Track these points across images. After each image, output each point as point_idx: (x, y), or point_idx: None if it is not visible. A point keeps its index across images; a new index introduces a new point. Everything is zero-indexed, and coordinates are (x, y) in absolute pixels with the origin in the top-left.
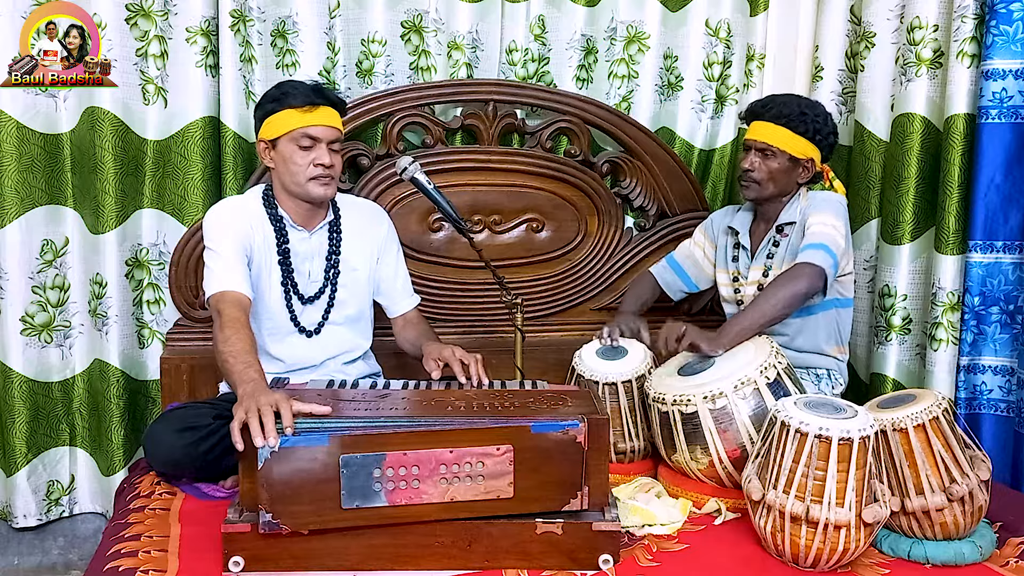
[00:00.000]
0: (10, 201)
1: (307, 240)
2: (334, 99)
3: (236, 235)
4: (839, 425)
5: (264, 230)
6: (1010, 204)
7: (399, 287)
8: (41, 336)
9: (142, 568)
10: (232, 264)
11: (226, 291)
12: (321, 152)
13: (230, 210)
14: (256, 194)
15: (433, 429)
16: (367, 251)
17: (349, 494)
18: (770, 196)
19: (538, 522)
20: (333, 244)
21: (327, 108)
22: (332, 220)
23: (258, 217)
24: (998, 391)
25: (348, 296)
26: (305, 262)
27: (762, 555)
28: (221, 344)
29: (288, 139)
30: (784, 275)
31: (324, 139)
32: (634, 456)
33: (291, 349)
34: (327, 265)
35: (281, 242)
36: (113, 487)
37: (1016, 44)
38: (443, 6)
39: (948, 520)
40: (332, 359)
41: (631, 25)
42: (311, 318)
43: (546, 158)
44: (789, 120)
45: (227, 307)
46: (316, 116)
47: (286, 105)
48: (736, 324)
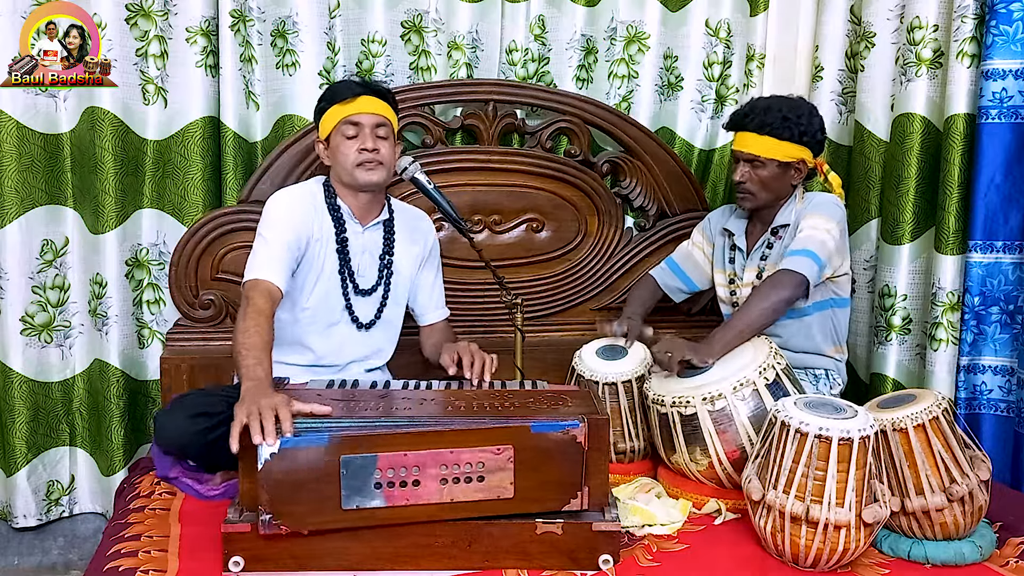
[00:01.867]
0: (10, 201)
1: (360, 235)
2: (378, 89)
3: (292, 226)
4: (839, 425)
5: (323, 220)
6: (1010, 204)
7: (435, 297)
8: (41, 336)
9: (142, 568)
10: (276, 254)
11: (260, 279)
12: (364, 137)
13: (295, 199)
14: (317, 183)
15: (433, 429)
16: (413, 256)
17: (349, 494)
18: (767, 203)
19: (538, 522)
20: (387, 243)
21: (369, 97)
22: (387, 219)
23: (319, 207)
24: (998, 391)
25: (397, 296)
26: (356, 256)
27: (762, 555)
28: (240, 333)
29: (336, 132)
30: (768, 282)
31: (366, 124)
32: (634, 456)
33: (332, 342)
34: (381, 264)
35: (340, 232)
36: (113, 487)
37: (1016, 44)
38: (443, 6)
39: (948, 520)
40: (360, 361)
41: (631, 25)
42: (366, 311)
43: (546, 158)
44: (772, 128)
45: (256, 296)
46: (357, 104)
47: (334, 102)
48: (724, 333)
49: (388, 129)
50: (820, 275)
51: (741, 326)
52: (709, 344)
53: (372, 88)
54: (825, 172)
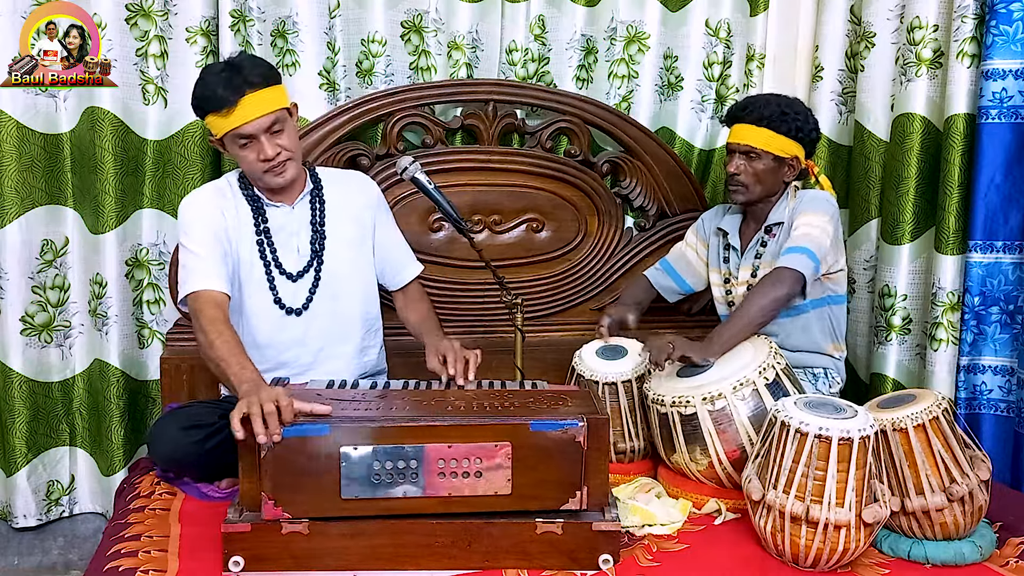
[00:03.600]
0: (10, 201)
1: (290, 214)
2: (257, 80)
3: (211, 226)
4: (839, 425)
5: (242, 211)
6: (1010, 204)
7: (400, 255)
8: (41, 336)
9: (142, 568)
10: (207, 260)
11: (200, 291)
12: (261, 146)
13: (204, 200)
14: (232, 176)
15: (431, 424)
16: (360, 218)
17: (348, 485)
18: (759, 198)
19: (538, 522)
20: (316, 215)
21: (250, 96)
22: (312, 189)
23: (233, 199)
24: (998, 391)
25: (340, 269)
26: (292, 237)
27: (762, 555)
28: (207, 348)
29: (228, 141)
30: (766, 280)
31: (257, 132)
32: (634, 456)
33: (280, 334)
34: (312, 237)
35: (259, 221)
36: (113, 487)
37: (1016, 44)
38: (443, 6)
39: (948, 520)
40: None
41: (631, 25)
42: (297, 296)
43: (546, 158)
44: (770, 121)
45: (204, 307)
46: (239, 115)
47: (209, 111)
48: (724, 331)
49: (281, 119)
50: (817, 272)
51: (740, 324)
52: (709, 343)
53: (249, 82)
54: (816, 174)
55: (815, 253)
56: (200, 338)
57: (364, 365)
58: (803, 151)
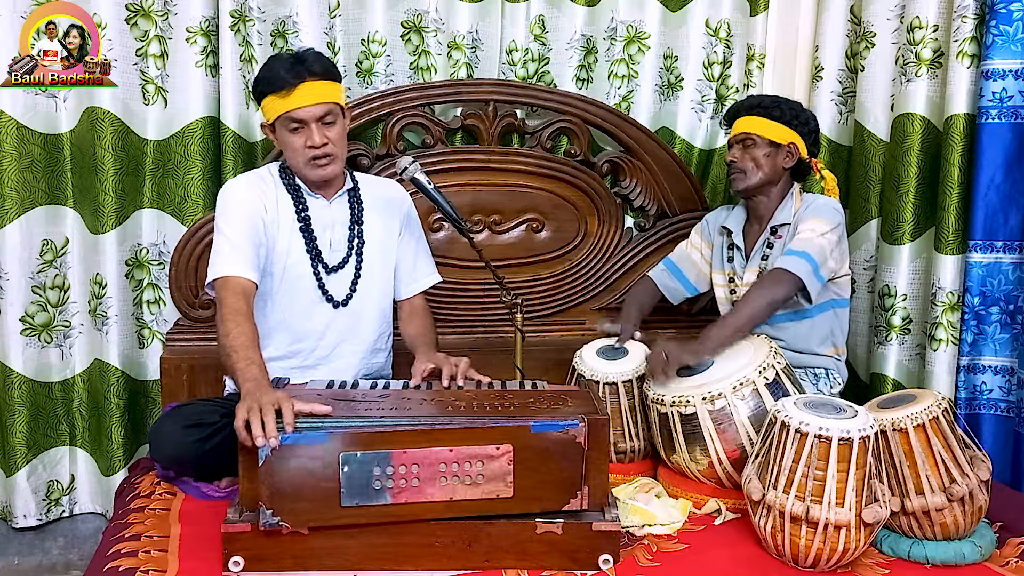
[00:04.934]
0: (10, 201)
1: (327, 208)
2: (318, 70)
3: (248, 214)
4: (839, 425)
5: (282, 200)
6: (1010, 204)
7: (418, 264)
8: (41, 336)
9: (142, 568)
10: (239, 247)
11: (229, 276)
12: (310, 132)
13: (243, 186)
14: (273, 167)
15: (433, 428)
16: (389, 225)
17: (349, 492)
18: (758, 185)
19: (538, 522)
20: (355, 212)
21: (309, 84)
22: (351, 188)
23: (273, 188)
24: (998, 391)
25: (373, 268)
26: (326, 231)
27: (762, 555)
28: (223, 337)
29: (279, 125)
30: (762, 281)
31: (310, 119)
32: (634, 456)
33: (317, 322)
34: (350, 234)
35: (300, 210)
36: (113, 487)
37: (1016, 44)
38: (443, 6)
39: (948, 520)
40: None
41: (631, 25)
42: (338, 288)
43: (546, 158)
44: (763, 109)
45: (229, 295)
46: (296, 98)
47: (268, 92)
48: (718, 331)
49: (334, 112)
50: (814, 277)
51: (735, 324)
52: (702, 342)
53: (310, 70)
54: (819, 169)
55: (814, 258)
56: (219, 326)
57: (372, 366)
58: (800, 139)
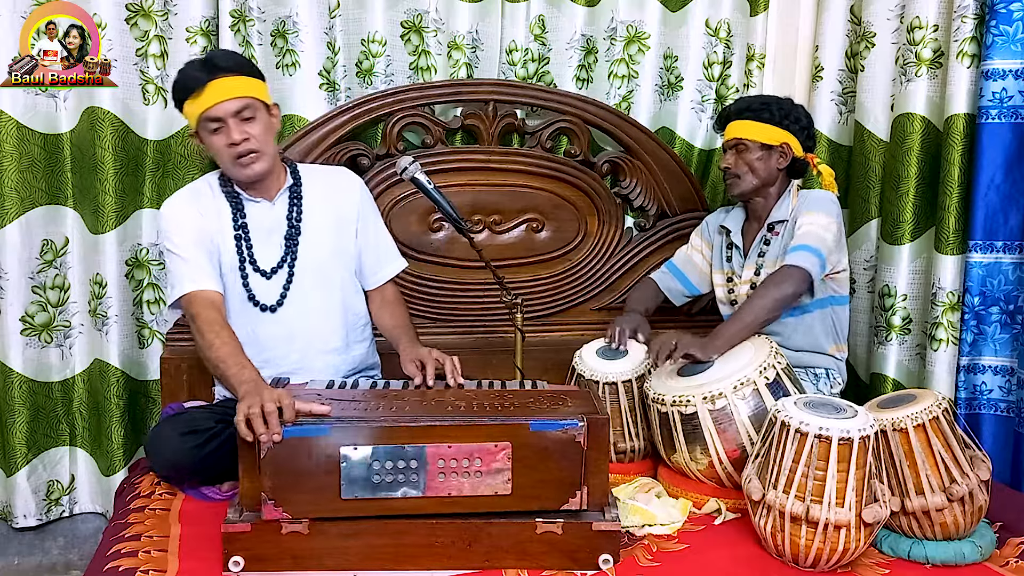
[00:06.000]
0: (10, 201)
1: (271, 210)
2: (228, 65)
3: (192, 228)
4: (839, 425)
5: (222, 209)
6: (1010, 204)
7: (381, 252)
8: (41, 336)
9: (142, 568)
10: (194, 261)
11: (195, 291)
12: (229, 130)
13: (181, 202)
14: (213, 176)
15: (431, 424)
16: (341, 216)
17: (349, 485)
18: (754, 188)
19: (538, 522)
20: (292, 211)
21: (220, 80)
22: (291, 185)
23: (212, 198)
24: (998, 391)
25: (319, 264)
26: (272, 234)
27: (762, 555)
28: (206, 350)
29: (200, 128)
30: (772, 278)
31: (225, 115)
32: (634, 456)
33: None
34: (286, 234)
35: (237, 217)
36: (113, 487)
37: (1016, 44)
38: (443, 6)
39: (948, 520)
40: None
41: (631, 25)
42: (270, 292)
43: (546, 158)
44: (752, 112)
45: (200, 309)
46: (207, 96)
47: (185, 97)
48: (728, 328)
49: (253, 107)
50: (822, 270)
51: (746, 321)
52: (712, 339)
53: (219, 67)
54: (816, 164)
55: (820, 251)
56: (198, 340)
57: (352, 360)
58: (794, 138)
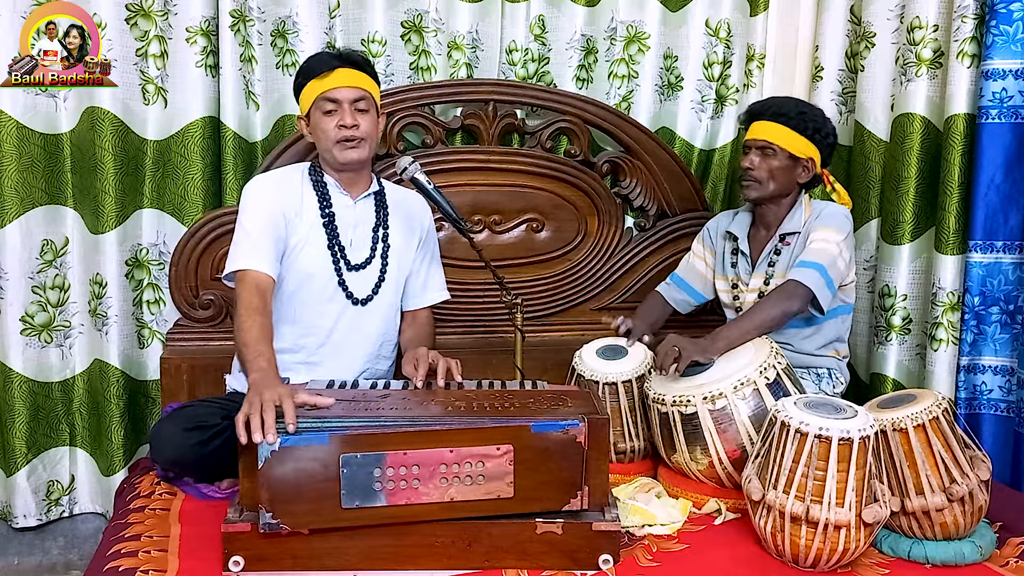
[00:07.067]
0: (10, 201)
1: (351, 208)
2: (356, 59)
3: (268, 210)
4: (839, 425)
5: (307, 197)
6: (1010, 204)
7: (427, 282)
8: (41, 336)
9: (142, 568)
10: (258, 241)
11: (247, 270)
12: (343, 113)
13: (270, 182)
14: (303, 166)
15: (433, 429)
16: (408, 235)
17: (349, 493)
18: (771, 196)
19: (538, 522)
20: (380, 215)
21: (346, 69)
22: (378, 191)
23: (299, 185)
24: (998, 391)
25: (392, 272)
26: (349, 229)
27: (762, 555)
28: (237, 331)
29: (314, 109)
30: (781, 290)
31: (344, 100)
32: (634, 456)
33: (328, 319)
34: (374, 236)
35: (324, 206)
36: (113, 487)
37: (1016, 44)
38: (443, 6)
39: (948, 520)
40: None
41: (631, 25)
42: (361, 286)
43: (546, 158)
44: (788, 119)
45: (245, 290)
46: (334, 78)
47: (310, 77)
48: (730, 331)
49: (368, 102)
50: (827, 291)
51: (748, 328)
52: (713, 341)
53: (349, 59)
54: (831, 182)
55: (828, 271)
56: (235, 319)
57: (375, 372)
58: (819, 155)
